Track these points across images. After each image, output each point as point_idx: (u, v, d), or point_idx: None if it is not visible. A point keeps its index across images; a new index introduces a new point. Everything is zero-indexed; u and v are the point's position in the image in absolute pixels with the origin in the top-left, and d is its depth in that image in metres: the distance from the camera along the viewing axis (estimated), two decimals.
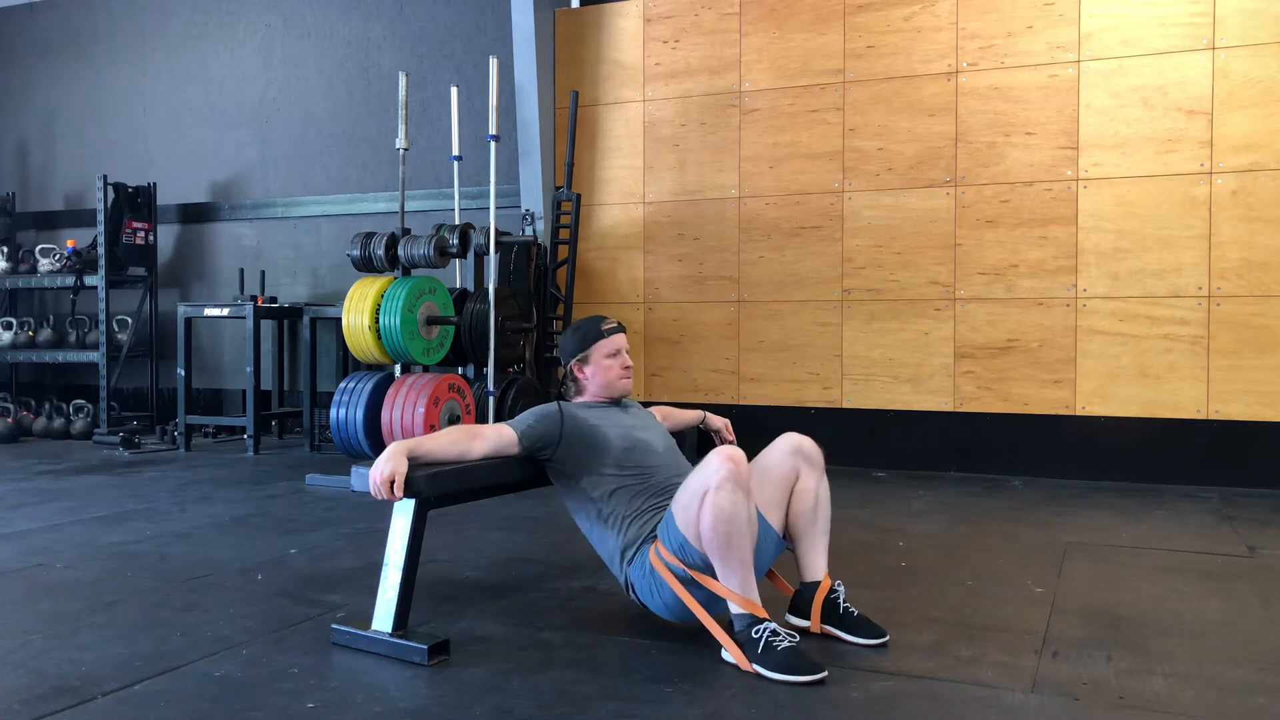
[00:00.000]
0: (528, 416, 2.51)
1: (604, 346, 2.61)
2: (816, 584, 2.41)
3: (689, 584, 2.24)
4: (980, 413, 4.90)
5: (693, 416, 2.97)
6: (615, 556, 2.44)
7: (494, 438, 2.42)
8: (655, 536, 2.35)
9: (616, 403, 2.64)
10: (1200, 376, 4.54)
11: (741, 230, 5.38)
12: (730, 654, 2.17)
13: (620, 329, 2.65)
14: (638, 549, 2.38)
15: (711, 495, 2.12)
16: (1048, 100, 4.77)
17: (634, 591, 2.40)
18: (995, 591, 2.81)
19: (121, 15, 7.24)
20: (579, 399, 2.65)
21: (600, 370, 2.60)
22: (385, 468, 2.22)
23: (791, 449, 2.43)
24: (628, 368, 2.62)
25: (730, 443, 2.85)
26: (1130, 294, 4.65)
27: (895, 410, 5.04)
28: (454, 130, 4.99)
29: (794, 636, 2.14)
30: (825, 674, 2.08)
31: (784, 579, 2.57)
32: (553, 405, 2.54)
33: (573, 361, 2.64)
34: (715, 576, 2.19)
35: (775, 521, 2.40)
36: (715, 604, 2.24)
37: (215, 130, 6.94)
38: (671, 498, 2.40)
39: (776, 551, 2.43)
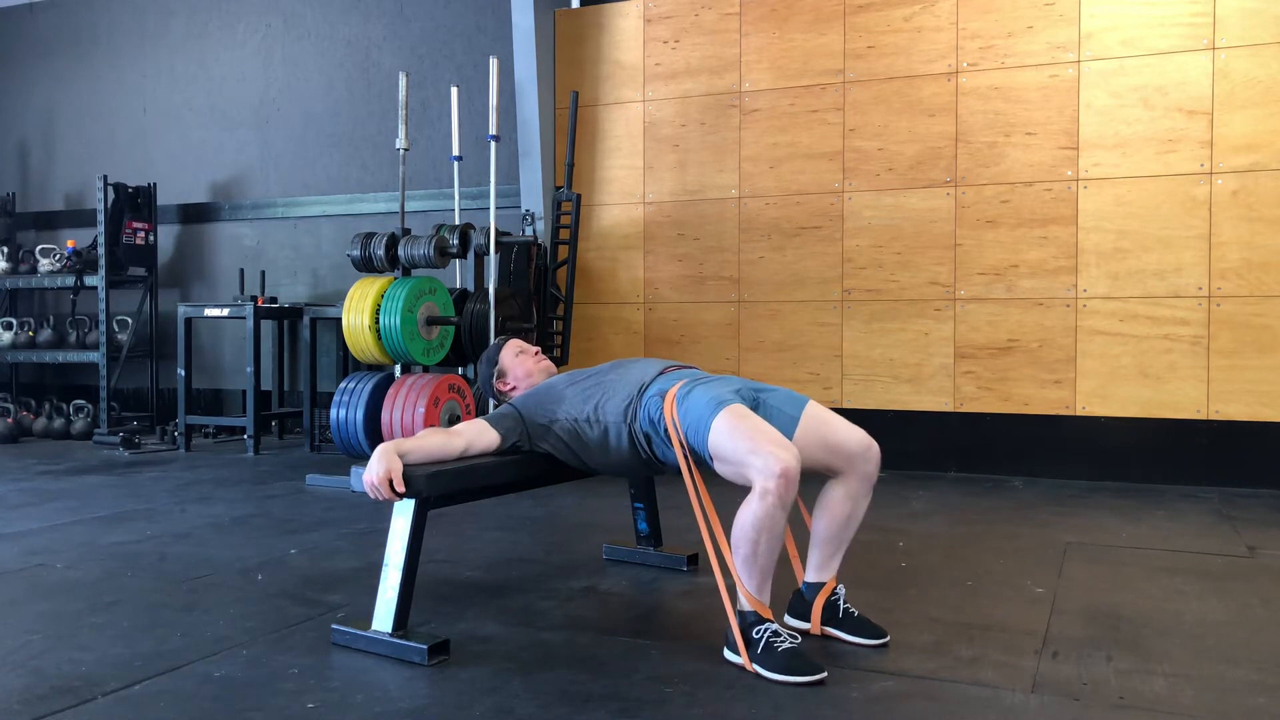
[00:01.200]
0: (490, 414, 2.59)
1: (508, 351, 2.81)
2: (820, 585, 2.41)
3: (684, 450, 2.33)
4: (980, 413, 4.90)
5: None
6: (620, 431, 2.44)
7: (470, 432, 2.48)
8: (653, 393, 2.41)
9: None
10: (1200, 376, 4.54)
11: (742, 230, 5.38)
12: (734, 642, 2.17)
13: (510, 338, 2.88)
14: (634, 408, 2.43)
15: (755, 502, 2.11)
16: (1048, 100, 4.77)
17: (651, 445, 2.42)
18: (995, 591, 2.81)
19: (121, 15, 7.24)
20: None
21: (517, 367, 2.77)
22: (379, 467, 2.23)
23: (860, 452, 2.41)
24: (538, 353, 2.80)
25: None
26: (1130, 294, 4.65)
27: (895, 410, 5.04)
28: (454, 130, 4.99)
29: (795, 638, 2.14)
30: (825, 675, 2.08)
31: (801, 567, 2.54)
32: (503, 405, 2.68)
33: (494, 383, 2.81)
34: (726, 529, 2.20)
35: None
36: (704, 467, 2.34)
37: (215, 130, 6.94)
38: (633, 369, 2.53)
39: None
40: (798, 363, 5.25)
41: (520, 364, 2.77)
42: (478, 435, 2.47)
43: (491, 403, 2.87)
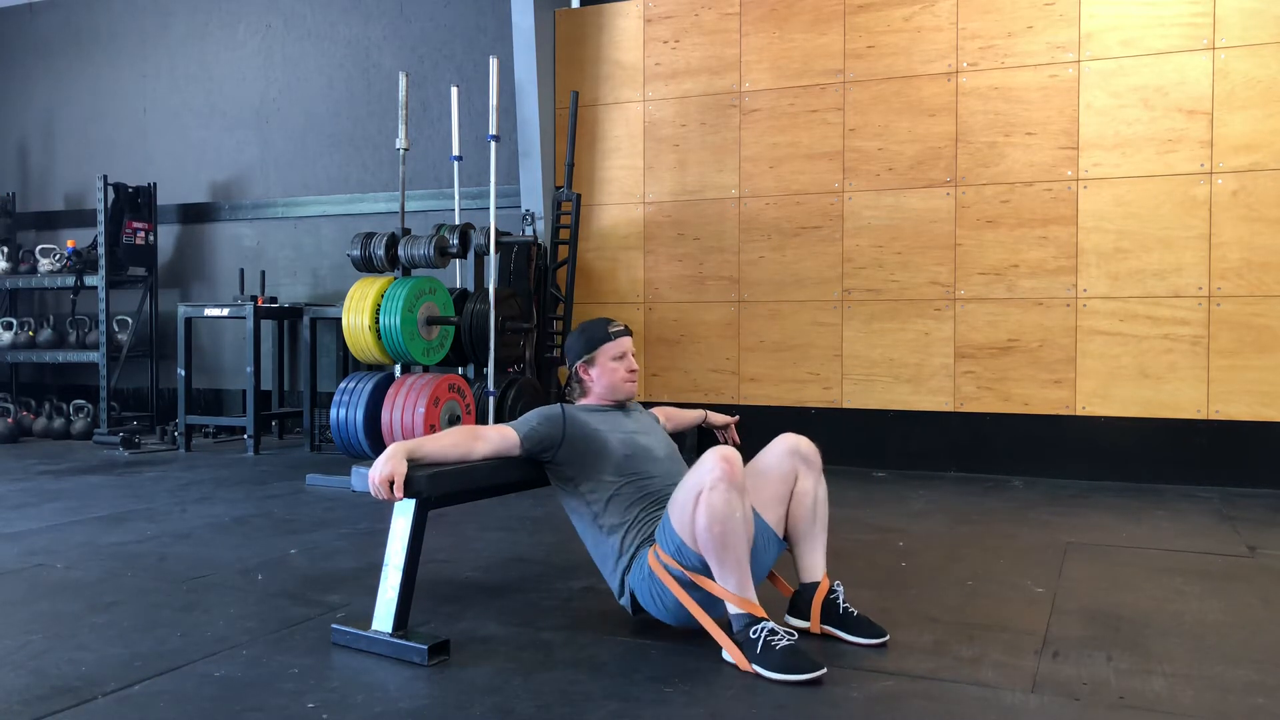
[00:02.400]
0: (531, 418, 2.51)
1: (610, 349, 2.59)
2: (815, 585, 2.41)
3: (688, 586, 2.24)
4: (980, 413, 4.90)
5: (694, 416, 2.98)
6: (610, 563, 2.44)
7: (496, 439, 2.42)
8: (652, 540, 2.35)
9: (620, 406, 2.63)
10: (1200, 376, 4.54)
11: (742, 230, 5.38)
12: (730, 655, 2.17)
13: (627, 332, 2.64)
14: (634, 556, 2.38)
15: (705, 495, 2.12)
16: (1048, 100, 4.77)
17: (635, 597, 2.39)
18: (995, 591, 2.81)
19: (121, 15, 7.24)
20: (583, 401, 2.64)
21: (606, 372, 2.59)
22: (384, 468, 2.22)
23: (789, 450, 2.42)
24: (633, 371, 2.61)
25: (736, 442, 2.85)
26: (1130, 294, 4.65)
27: (895, 410, 5.04)
28: (454, 130, 4.99)
29: (792, 635, 2.14)
30: (824, 672, 2.08)
31: (784, 580, 2.57)
32: (555, 407, 2.54)
33: (578, 363, 2.62)
34: (713, 577, 2.19)
35: (774, 521, 2.39)
36: (715, 605, 2.23)
37: (215, 130, 6.94)
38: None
39: (777, 552, 2.43)
40: (798, 363, 5.25)
41: (611, 372, 2.58)
42: (505, 448, 2.43)
43: (511, 416, 2.82)
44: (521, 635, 2.41)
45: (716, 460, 2.14)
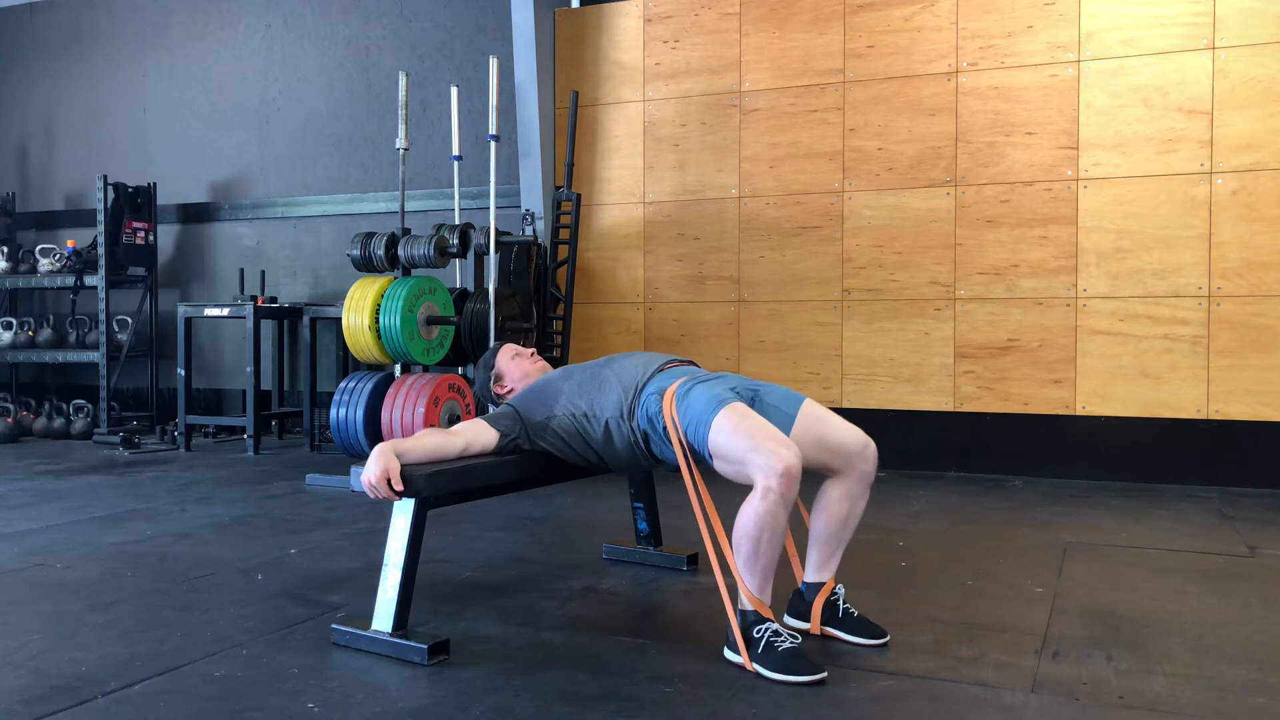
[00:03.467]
0: (489, 415, 2.60)
1: (504, 354, 2.85)
2: (820, 585, 2.41)
3: (689, 464, 2.32)
4: (980, 413, 4.90)
5: None
6: (619, 426, 2.45)
7: (468, 431, 2.48)
8: (651, 391, 2.41)
9: None
10: (1200, 376, 4.54)
11: (741, 230, 5.38)
12: (734, 641, 2.17)
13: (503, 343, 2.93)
14: (631, 405, 2.43)
15: (757, 500, 2.11)
16: (1048, 100, 4.77)
17: (648, 440, 2.42)
18: (995, 591, 2.81)
19: (121, 15, 7.24)
20: None
21: (513, 370, 2.81)
22: (377, 467, 2.23)
23: (857, 450, 2.39)
24: (534, 354, 2.84)
25: None
26: (1130, 294, 4.65)
27: (895, 410, 5.04)
28: (454, 130, 4.99)
29: (795, 638, 2.14)
30: (825, 675, 2.08)
31: (799, 566, 2.53)
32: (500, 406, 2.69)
33: (492, 388, 2.83)
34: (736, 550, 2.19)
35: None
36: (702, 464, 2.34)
37: (215, 130, 6.94)
38: (629, 365, 2.52)
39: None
40: (798, 362, 5.25)
41: (517, 366, 2.80)
42: (476, 434, 2.48)
43: (490, 407, 2.87)
44: (521, 635, 2.42)
45: (780, 466, 2.09)
